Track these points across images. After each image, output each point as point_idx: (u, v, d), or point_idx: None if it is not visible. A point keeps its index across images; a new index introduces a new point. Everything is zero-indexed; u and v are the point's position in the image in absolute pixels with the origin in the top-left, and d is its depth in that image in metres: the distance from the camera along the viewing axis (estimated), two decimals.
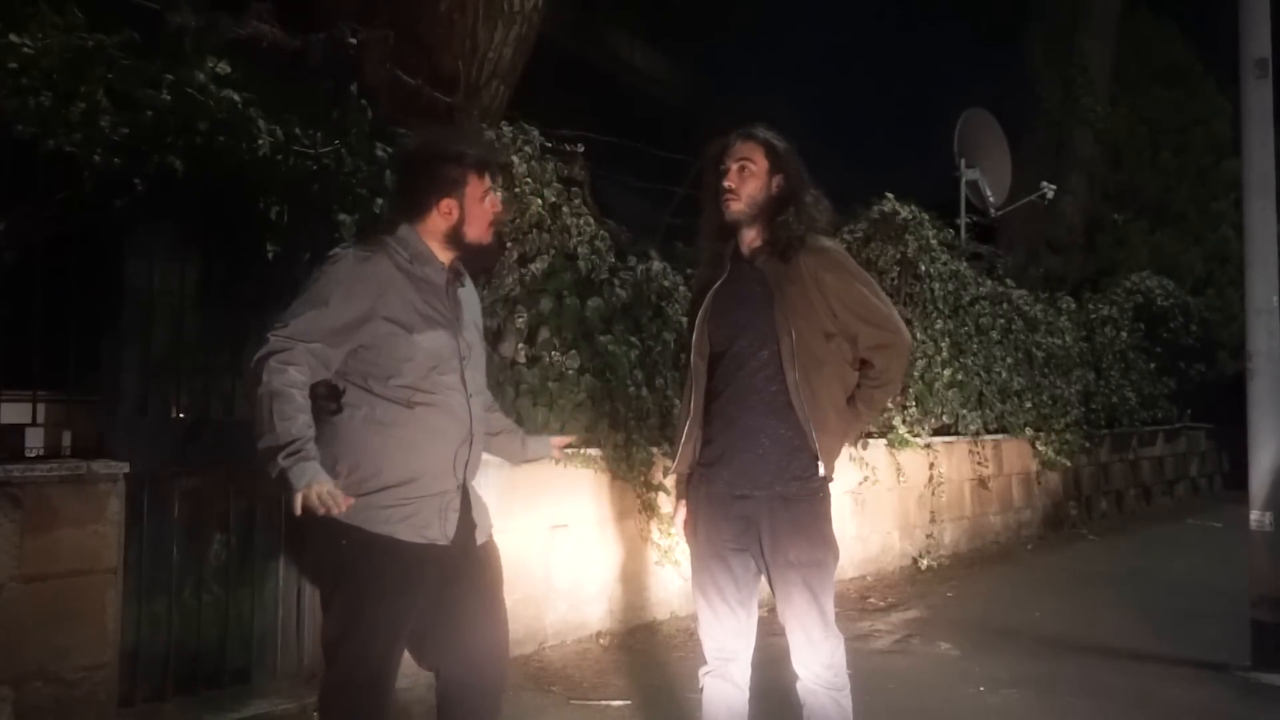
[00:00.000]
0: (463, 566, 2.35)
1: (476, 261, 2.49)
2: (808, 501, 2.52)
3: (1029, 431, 8.57)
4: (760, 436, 2.52)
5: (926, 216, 7.32)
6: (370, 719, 2.27)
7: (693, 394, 2.63)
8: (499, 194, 2.50)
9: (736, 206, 2.58)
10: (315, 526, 2.20)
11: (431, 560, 2.28)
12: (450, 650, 2.37)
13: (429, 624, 2.34)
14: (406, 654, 2.41)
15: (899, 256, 7.08)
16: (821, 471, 2.52)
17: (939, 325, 7.33)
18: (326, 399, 2.29)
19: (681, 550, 4.93)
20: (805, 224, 2.57)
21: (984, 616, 5.57)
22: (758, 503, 2.51)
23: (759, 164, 2.58)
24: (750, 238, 2.62)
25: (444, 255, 2.39)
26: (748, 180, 2.58)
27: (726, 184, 2.58)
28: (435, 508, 2.28)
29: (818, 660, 2.51)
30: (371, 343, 2.25)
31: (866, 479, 6.42)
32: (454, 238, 2.37)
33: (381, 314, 2.25)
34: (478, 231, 2.39)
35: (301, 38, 4.58)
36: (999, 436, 8.21)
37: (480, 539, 2.41)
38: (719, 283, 2.63)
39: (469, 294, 2.49)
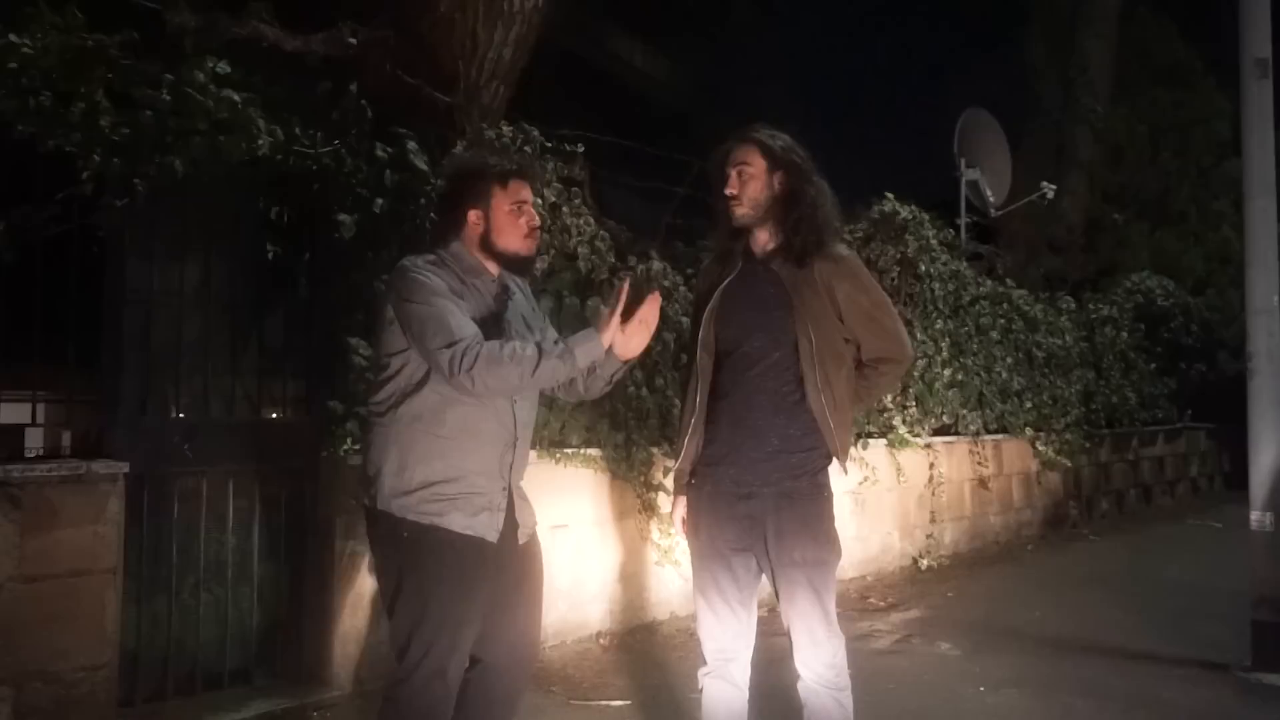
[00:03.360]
0: (509, 563, 2.45)
1: (516, 270, 2.55)
2: (813, 500, 2.53)
3: (1029, 431, 8.57)
4: (769, 435, 2.52)
5: (926, 216, 7.33)
6: (433, 709, 2.34)
7: (697, 391, 2.62)
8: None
9: (741, 211, 2.58)
10: (378, 529, 2.38)
11: (482, 557, 2.38)
12: (489, 641, 2.46)
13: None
14: None
15: (899, 256, 7.08)
16: (837, 468, 2.56)
17: (939, 325, 7.33)
18: (371, 402, 2.44)
19: (681, 550, 4.93)
20: (818, 226, 2.57)
21: (984, 616, 5.57)
22: (763, 501, 2.51)
23: (756, 165, 2.58)
24: (763, 239, 2.62)
25: (490, 267, 2.49)
26: (748, 183, 2.58)
27: (728, 191, 2.58)
28: (480, 506, 2.38)
29: (820, 660, 2.51)
30: None
31: (866, 479, 6.41)
32: (487, 247, 2.46)
33: None
34: (510, 241, 2.46)
35: (301, 38, 4.58)
36: (999, 436, 8.21)
37: (523, 538, 2.50)
38: (728, 281, 2.63)
39: (519, 304, 2.57)
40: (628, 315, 2.36)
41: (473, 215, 2.44)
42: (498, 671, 2.49)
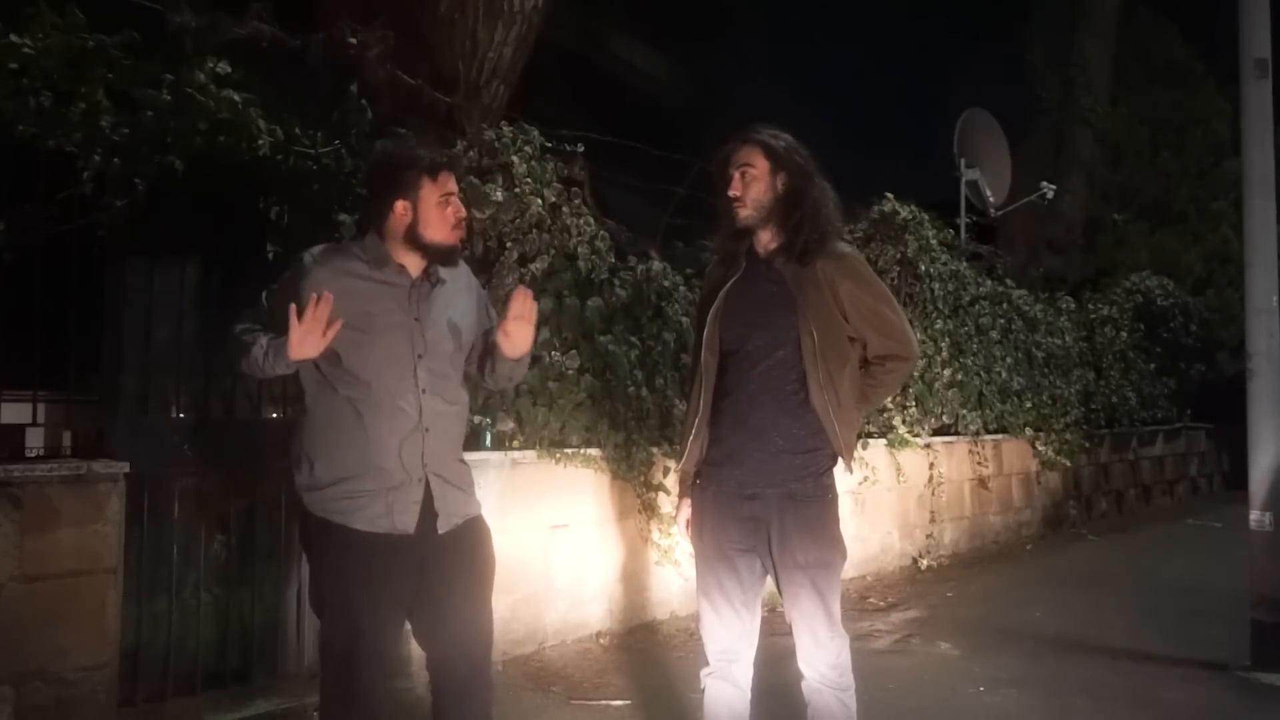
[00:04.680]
0: (433, 554, 2.44)
1: (441, 261, 2.53)
2: (818, 502, 2.53)
3: (1029, 431, 8.57)
4: (773, 435, 2.52)
5: (926, 216, 7.33)
6: (351, 685, 2.37)
7: (701, 391, 2.62)
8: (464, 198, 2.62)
9: (745, 213, 2.58)
10: (299, 517, 2.46)
11: (396, 550, 2.38)
12: (433, 633, 2.48)
13: (414, 610, 2.47)
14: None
15: (899, 256, 7.09)
16: (841, 467, 2.56)
17: (939, 325, 7.33)
18: (297, 399, 2.51)
19: (681, 550, 4.93)
20: (820, 225, 2.57)
21: (984, 616, 5.57)
22: (767, 502, 2.50)
23: (759, 166, 2.57)
24: (766, 239, 2.62)
25: (407, 258, 2.48)
26: (751, 185, 2.57)
27: (731, 192, 2.58)
28: (384, 500, 2.38)
29: (824, 660, 2.51)
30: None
31: (866, 479, 6.41)
32: (412, 238, 2.46)
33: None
34: (436, 232, 2.47)
35: (301, 38, 4.57)
36: (999, 436, 8.22)
37: (443, 527, 2.46)
38: (732, 281, 2.62)
39: (447, 293, 2.55)
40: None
41: (400, 206, 2.45)
42: (451, 662, 2.50)
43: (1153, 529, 9.34)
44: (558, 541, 4.67)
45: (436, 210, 2.46)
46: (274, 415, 3.92)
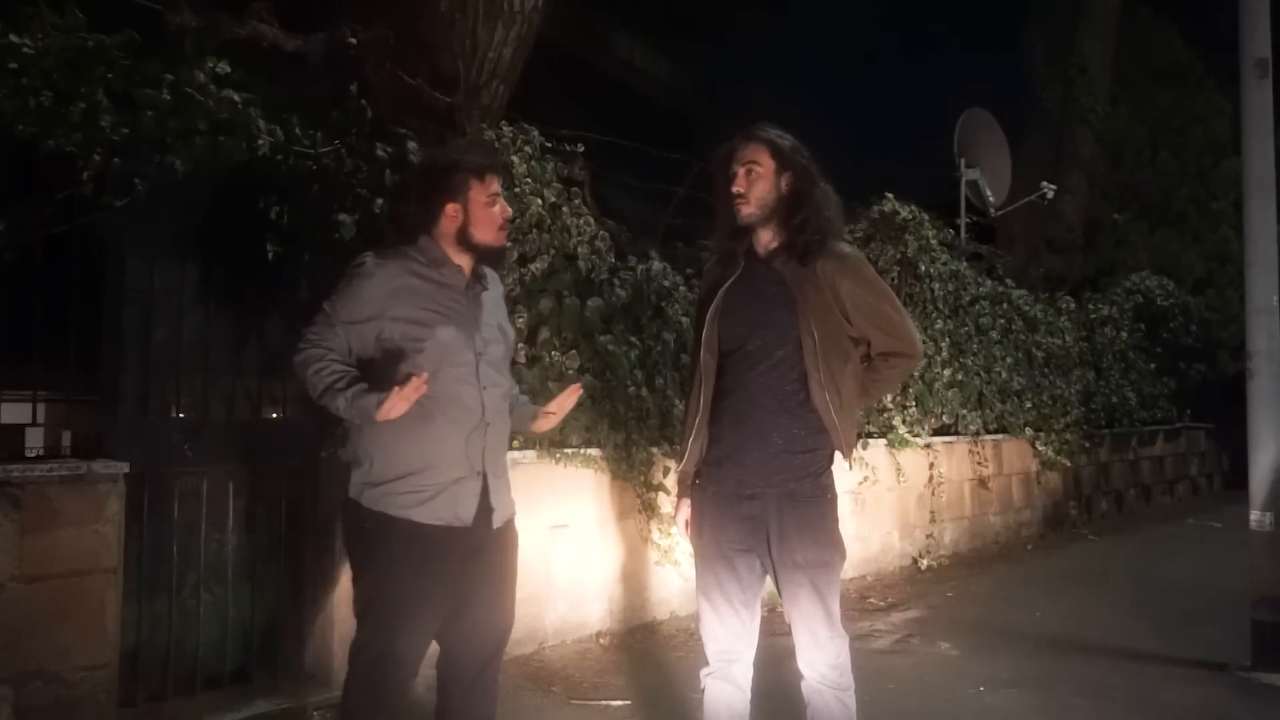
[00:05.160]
0: (479, 548, 2.52)
1: (489, 262, 2.64)
2: (816, 502, 2.53)
3: (1029, 431, 8.57)
4: (773, 435, 2.52)
5: (926, 216, 7.33)
6: (377, 686, 2.42)
7: (701, 391, 2.61)
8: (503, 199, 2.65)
9: (747, 210, 2.57)
10: (345, 515, 2.51)
11: (450, 542, 2.45)
12: (454, 627, 2.53)
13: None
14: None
15: (899, 256, 7.09)
16: (840, 465, 2.57)
17: (939, 325, 7.33)
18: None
19: (681, 550, 4.93)
20: (822, 226, 2.56)
21: (984, 616, 5.57)
22: (766, 502, 2.50)
23: (765, 165, 2.57)
24: (766, 239, 2.61)
25: (461, 259, 2.56)
26: (756, 183, 2.57)
27: (735, 189, 2.57)
28: (449, 493, 2.45)
29: (823, 660, 2.51)
30: (389, 340, 2.47)
31: (866, 479, 6.41)
32: (463, 239, 2.54)
33: (390, 315, 2.45)
34: (485, 233, 2.55)
35: (301, 38, 4.57)
36: (999, 436, 8.21)
37: (497, 523, 2.56)
38: (731, 281, 2.62)
39: (492, 297, 2.66)
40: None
41: (450, 209, 2.52)
42: (464, 658, 2.57)
43: (1153, 529, 9.35)
44: (558, 541, 4.67)
45: (485, 211, 2.54)
46: (274, 415, 3.92)
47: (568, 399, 2.68)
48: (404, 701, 2.50)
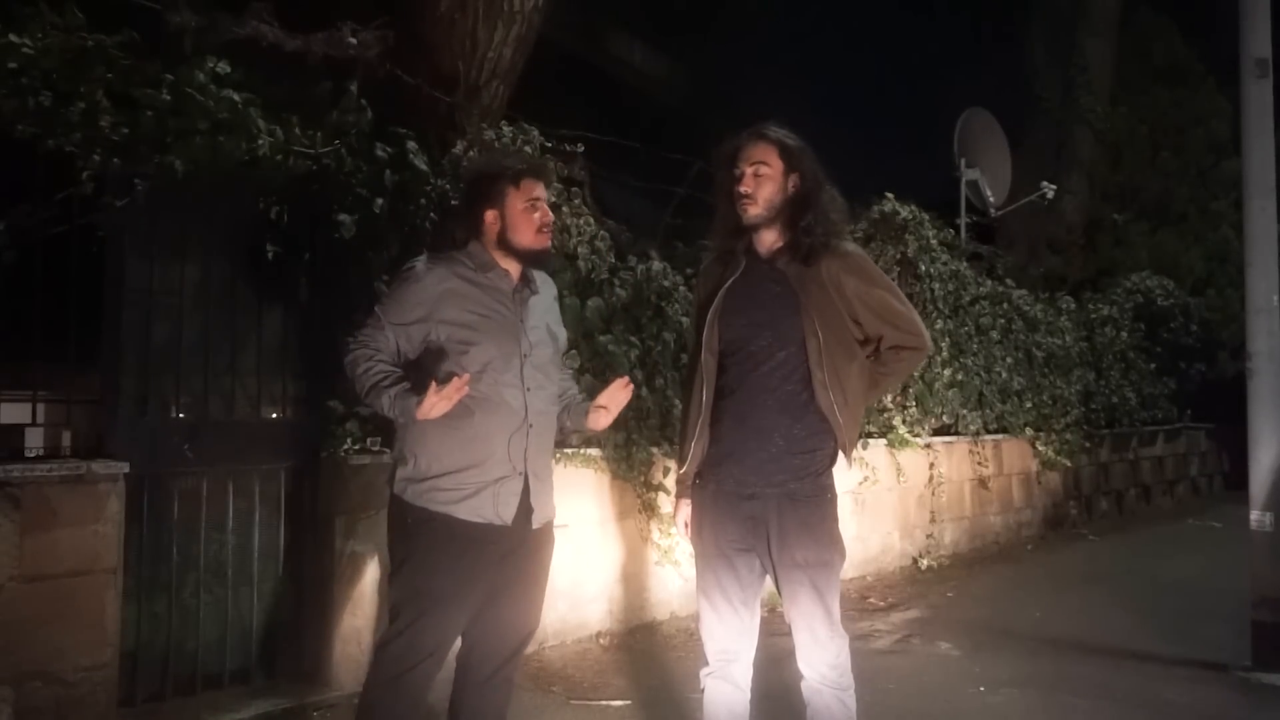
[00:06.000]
0: (516, 547, 2.56)
1: (533, 264, 2.69)
2: (816, 502, 2.52)
3: (1029, 431, 8.57)
4: (774, 435, 2.51)
5: (926, 216, 7.33)
6: (405, 678, 2.45)
7: (702, 391, 2.60)
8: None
9: (754, 211, 2.55)
10: (390, 510, 2.57)
11: (489, 540, 2.50)
12: (479, 622, 2.58)
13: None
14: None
15: (899, 256, 7.09)
16: (841, 463, 2.56)
17: (939, 325, 7.33)
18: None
19: (681, 550, 4.93)
20: (827, 229, 2.56)
21: (984, 616, 5.57)
22: (766, 501, 2.50)
23: (774, 165, 2.55)
24: (770, 239, 2.60)
25: (507, 263, 2.63)
26: (764, 183, 2.54)
27: (742, 189, 2.54)
28: (491, 491, 2.50)
29: (823, 660, 2.51)
30: (436, 342, 2.54)
31: (866, 479, 6.41)
32: (504, 244, 2.61)
33: (437, 318, 2.53)
34: (524, 237, 2.61)
35: (301, 38, 4.57)
36: (999, 436, 8.21)
37: (536, 524, 2.60)
38: (732, 281, 2.60)
39: (542, 300, 2.72)
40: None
41: (489, 215, 2.60)
42: (484, 655, 2.62)
43: (1153, 529, 9.34)
44: (558, 541, 4.65)
45: (523, 216, 2.60)
46: (274, 415, 3.91)
47: (618, 393, 2.66)
48: (425, 695, 2.52)
